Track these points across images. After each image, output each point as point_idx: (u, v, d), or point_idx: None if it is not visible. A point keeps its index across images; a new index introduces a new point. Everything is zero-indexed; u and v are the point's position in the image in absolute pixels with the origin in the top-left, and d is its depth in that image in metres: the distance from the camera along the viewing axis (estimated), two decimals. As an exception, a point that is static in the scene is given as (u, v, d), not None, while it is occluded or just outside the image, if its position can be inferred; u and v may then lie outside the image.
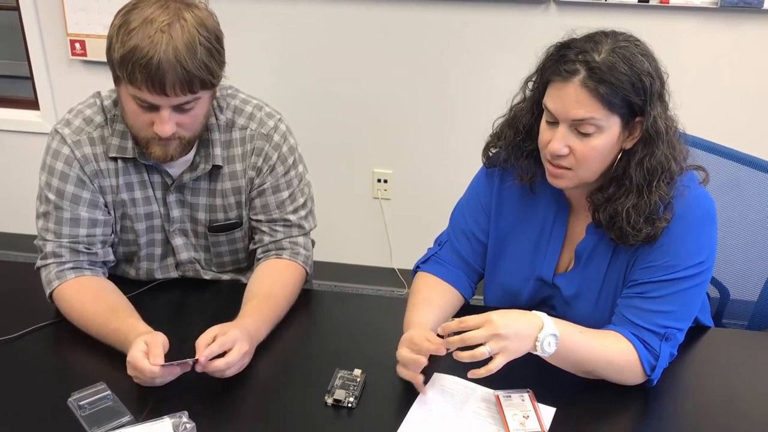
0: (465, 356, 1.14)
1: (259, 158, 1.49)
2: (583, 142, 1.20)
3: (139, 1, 1.29)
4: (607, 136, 1.20)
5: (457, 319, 1.17)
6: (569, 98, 1.18)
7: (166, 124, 1.31)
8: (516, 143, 1.34)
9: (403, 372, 1.24)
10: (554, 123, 1.23)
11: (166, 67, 1.24)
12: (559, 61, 1.20)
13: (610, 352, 1.24)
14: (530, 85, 1.31)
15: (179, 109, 1.32)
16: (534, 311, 1.20)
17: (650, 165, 1.21)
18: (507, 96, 1.37)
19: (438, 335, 1.21)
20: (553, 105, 1.21)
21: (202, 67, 1.28)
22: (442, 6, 2.53)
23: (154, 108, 1.30)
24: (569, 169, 1.24)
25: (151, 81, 1.25)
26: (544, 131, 1.25)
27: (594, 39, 1.21)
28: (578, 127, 1.19)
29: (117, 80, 1.33)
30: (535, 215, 1.40)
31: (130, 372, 1.22)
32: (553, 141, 1.22)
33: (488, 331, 1.13)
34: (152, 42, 1.24)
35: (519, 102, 1.35)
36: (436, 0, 2.52)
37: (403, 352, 1.23)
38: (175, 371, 1.22)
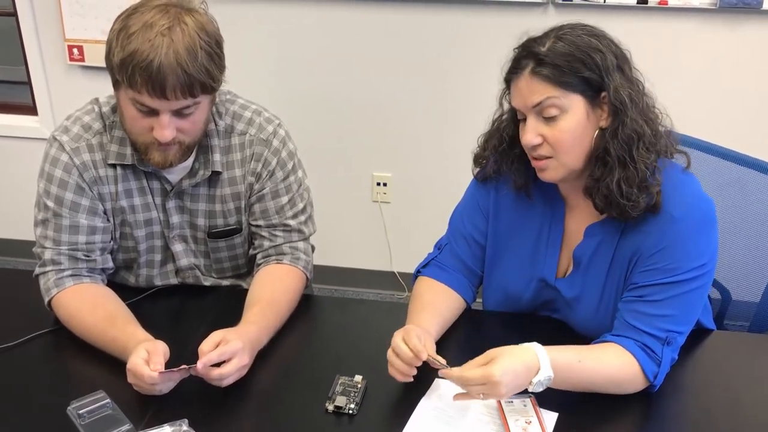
0: (460, 398, 1.17)
1: (258, 163, 1.49)
2: (551, 126, 1.23)
3: (139, 5, 1.29)
4: (572, 116, 1.22)
5: (458, 370, 1.15)
6: (524, 89, 1.23)
7: (166, 129, 1.30)
8: (502, 150, 1.36)
9: (396, 364, 1.22)
10: (524, 120, 1.27)
11: (166, 71, 1.23)
12: (511, 62, 1.27)
13: (608, 370, 1.23)
14: (507, 96, 1.33)
15: (179, 114, 1.31)
16: (530, 345, 1.17)
17: (624, 134, 1.22)
18: (495, 106, 1.38)
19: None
20: (514, 101, 1.27)
21: (202, 71, 1.27)
22: (439, 8, 2.53)
23: (153, 113, 1.30)
24: (550, 157, 1.26)
25: (151, 84, 1.24)
26: (521, 130, 1.28)
27: (540, 36, 1.26)
28: (542, 113, 1.23)
29: (116, 85, 1.32)
30: (532, 216, 1.40)
31: (130, 380, 1.21)
32: (524, 133, 1.25)
33: (490, 389, 1.13)
34: (153, 45, 1.23)
35: (499, 115, 1.38)
36: (433, 2, 2.52)
37: (398, 340, 1.23)
38: (175, 377, 1.21)
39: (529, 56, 1.23)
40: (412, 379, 1.23)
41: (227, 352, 1.22)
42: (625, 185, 1.22)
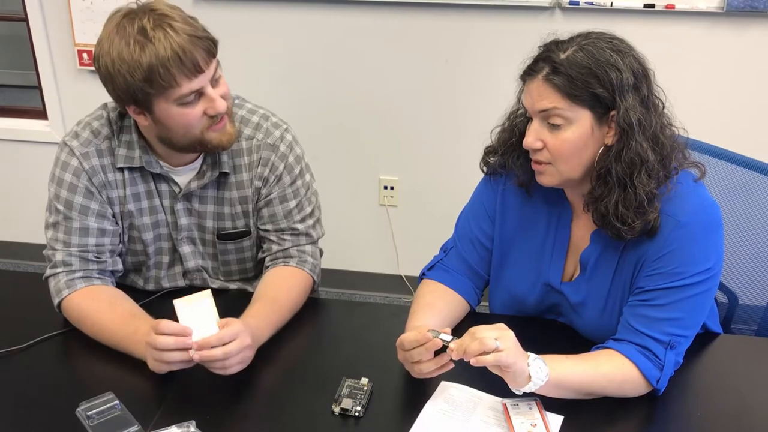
0: (474, 346, 1.14)
1: (265, 168, 1.50)
2: (554, 134, 1.24)
3: (105, 36, 1.31)
4: (577, 129, 1.22)
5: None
6: (534, 92, 1.24)
7: (217, 99, 1.34)
8: (510, 144, 1.37)
9: (420, 370, 1.22)
10: (532, 121, 1.28)
11: (187, 47, 1.27)
12: (530, 61, 1.27)
13: (605, 370, 1.24)
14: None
15: (215, 82, 1.35)
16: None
17: (627, 157, 1.22)
18: (512, 101, 1.38)
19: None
20: (524, 101, 1.28)
21: (204, 29, 1.32)
22: (447, 12, 2.54)
23: (197, 97, 1.32)
24: (548, 164, 1.27)
25: (186, 68, 1.27)
26: (527, 130, 1.29)
27: (565, 40, 1.26)
28: (548, 120, 1.24)
29: (146, 103, 1.31)
30: (538, 220, 1.41)
31: (149, 354, 1.24)
32: (527, 135, 1.26)
33: (500, 329, 1.15)
34: (159, 41, 1.26)
35: (515, 110, 1.38)
36: (441, 6, 2.53)
37: (401, 355, 1.24)
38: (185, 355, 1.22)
39: (546, 60, 1.23)
40: (451, 365, 1.21)
41: (227, 336, 1.22)
42: (622, 207, 1.22)
